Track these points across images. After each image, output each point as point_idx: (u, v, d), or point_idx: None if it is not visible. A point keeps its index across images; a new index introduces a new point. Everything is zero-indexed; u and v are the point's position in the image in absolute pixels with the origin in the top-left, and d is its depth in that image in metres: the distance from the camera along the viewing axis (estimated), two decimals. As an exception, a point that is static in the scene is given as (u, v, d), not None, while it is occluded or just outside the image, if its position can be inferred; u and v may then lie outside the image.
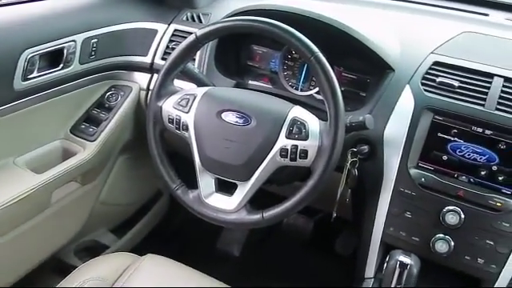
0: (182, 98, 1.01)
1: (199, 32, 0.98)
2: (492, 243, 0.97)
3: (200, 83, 1.11)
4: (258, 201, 0.98)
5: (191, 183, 1.02)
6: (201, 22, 1.34)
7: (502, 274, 0.98)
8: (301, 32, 0.92)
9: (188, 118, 0.99)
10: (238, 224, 0.98)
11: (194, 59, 1.26)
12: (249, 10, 1.19)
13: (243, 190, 0.96)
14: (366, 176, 1.08)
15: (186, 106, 1.00)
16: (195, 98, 1.00)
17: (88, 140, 1.29)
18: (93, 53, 1.25)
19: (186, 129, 1.00)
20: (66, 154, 1.28)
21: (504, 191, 0.97)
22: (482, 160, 0.98)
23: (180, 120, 1.00)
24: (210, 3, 1.41)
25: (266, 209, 0.95)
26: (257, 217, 0.95)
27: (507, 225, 0.96)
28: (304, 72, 1.24)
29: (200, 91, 1.02)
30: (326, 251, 1.75)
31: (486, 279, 1.00)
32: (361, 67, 1.18)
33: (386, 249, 1.07)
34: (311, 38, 0.93)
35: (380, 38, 1.13)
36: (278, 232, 1.77)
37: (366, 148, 1.05)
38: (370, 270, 1.10)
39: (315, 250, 1.81)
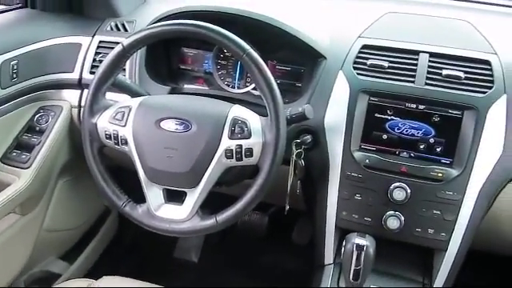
0: (116, 112, 0.97)
1: (126, 41, 0.95)
2: (439, 212, 1.01)
3: (134, 94, 1.08)
4: (210, 205, 0.97)
5: (139, 197, 0.99)
6: (126, 30, 1.30)
7: (451, 240, 1.02)
8: (230, 30, 0.91)
9: (126, 132, 0.96)
10: (193, 232, 0.96)
11: (124, 69, 1.21)
12: (175, 14, 1.16)
13: (193, 197, 0.94)
14: (312, 165, 1.09)
15: (122, 120, 0.96)
16: (131, 109, 0.97)
17: (22, 168, 1.22)
18: (14, 75, 1.18)
19: (126, 143, 0.96)
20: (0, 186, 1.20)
21: (443, 161, 1.02)
22: (419, 134, 1.02)
23: (118, 135, 0.96)
24: (133, 10, 1.37)
25: (219, 212, 0.94)
26: (211, 222, 0.94)
27: (450, 193, 1.00)
28: (238, 70, 1.23)
29: (135, 102, 0.98)
30: (284, 243, 1.76)
31: (438, 247, 1.04)
32: (293, 58, 1.18)
33: (342, 233, 1.08)
34: (241, 35, 0.92)
35: (309, 28, 1.14)
36: (234, 231, 1.76)
37: (309, 138, 1.06)
38: (329, 257, 1.12)
39: (274, 244, 1.82)
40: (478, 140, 0.98)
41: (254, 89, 1.22)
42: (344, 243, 0.97)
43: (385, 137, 1.04)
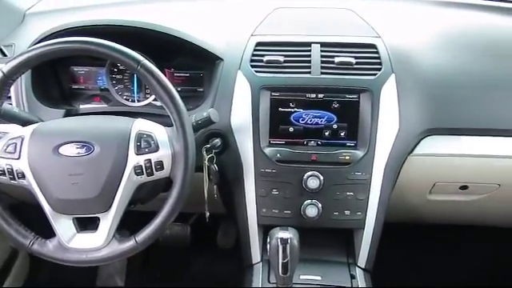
0: (7, 144, 0.89)
1: (6, 68, 0.87)
2: (352, 193, 1.06)
3: (24, 122, 0.99)
4: (127, 225, 0.93)
5: (49, 231, 0.92)
6: (5, 55, 1.19)
7: (367, 218, 1.07)
8: (120, 43, 0.87)
9: (21, 165, 0.88)
10: (113, 258, 0.91)
11: (10, 97, 1.12)
12: (58, 31, 1.09)
13: (107, 222, 0.89)
14: (226, 167, 1.09)
15: (14, 152, 0.89)
16: (23, 140, 0.89)
17: None
18: None
19: (23, 176, 0.89)
20: None
21: (348, 144, 1.06)
22: (322, 122, 1.06)
23: (12, 169, 0.88)
24: (10, 33, 1.26)
25: (137, 232, 0.90)
26: (130, 244, 0.90)
27: (359, 173, 1.05)
28: (135, 82, 1.19)
29: (27, 131, 0.91)
30: (211, 249, 1.75)
31: (356, 227, 1.09)
32: (191, 64, 1.17)
33: (265, 230, 1.09)
34: (132, 46, 0.89)
35: (201, 31, 1.13)
36: (157, 247, 1.71)
37: (218, 141, 1.05)
38: (256, 255, 1.12)
39: (201, 252, 1.79)
40: (376, 120, 1.04)
41: (155, 100, 1.18)
42: (268, 239, 0.97)
43: (291, 129, 1.06)
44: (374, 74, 1.05)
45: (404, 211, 1.28)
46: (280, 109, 1.06)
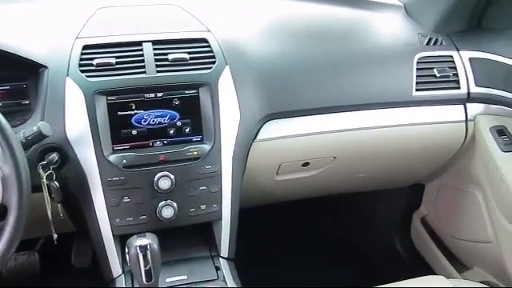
0: None
1: None
2: (205, 187, 1.06)
3: None
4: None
5: None
6: None
7: (223, 208, 1.09)
8: None
9: None
10: None
11: None
12: None
13: None
14: (69, 183, 1.01)
15: None
16: None
17: None
18: None
19: None
20: None
21: (195, 140, 1.06)
22: (166, 121, 1.04)
23: None
24: None
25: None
26: None
27: (209, 166, 1.06)
28: None
29: None
30: (67, 271, 1.61)
31: (214, 219, 1.10)
32: (10, 75, 1.04)
33: (122, 240, 1.04)
34: None
35: (17, 37, 1.02)
36: (3, 280, 1.53)
37: (55, 156, 0.97)
38: (116, 268, 1.06)
39: (56, 277, 1.65)
40: (218, 112, 1.06)
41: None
42: (127, 249, 0.93)
43: (134, 132, 1.03)
44: (209, 68, 1.07)
45: (256, 195, 1.33)
46: (119, 113, 1.01)
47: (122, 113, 1.01)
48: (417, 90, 1.25)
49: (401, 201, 1.74)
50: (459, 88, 1.29)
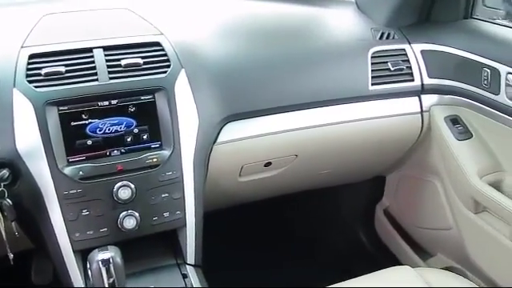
0: None
1: None
2: (167, 194, 1.04)
3: None
4: None
5: None
6: None
7: (186, 215, 1.07)
8: None
9: None
10: None
11: None
12: None
13: None
14: (23, 199, 0.96)
15: None
16: None
17: None
18: None
19: None
20: None
21: (153, 146, 1.04)
22: (122, 129, 1.01)
23: None
24: None
25: None
26: None
27: (170, 173, 1.03)
28: None
29: None
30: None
31: (179, 226, 1.08)
32: None
33: (84, 255, 1.00)
34: None
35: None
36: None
37: (6, 172, 0.92)
38: (79, 285, 1.02)
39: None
40: (176, 116, 1.03)
41: None
42: (88, 265, 0.90)
43: (89, 142, 0.99)
44: (165, 72, 1.04)
45: (220, 198, 1.32)
46: (72, 123, 0.98)
47: (75, 123, 0.98)
48: (373, 84, 1.27)
49: (363, 194, 1.76)
50: (413, 80, 1.31)
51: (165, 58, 1.06)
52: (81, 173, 0.97)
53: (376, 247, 1.75)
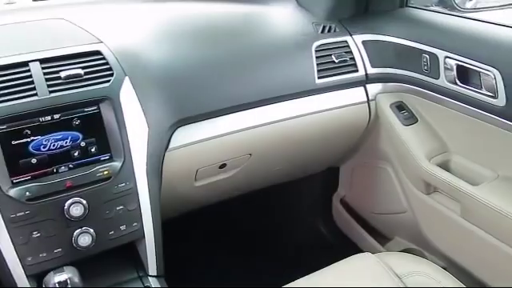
0: None
1: None
2: (122, 206, 1.01)
3: None
4: None
5: None
6: None
7: (144, 225, 1.04)
8: None
9: None
10: None
11: None
12: None
13: None
14: (-34, 227, 0.90)
15: None
16: None
17: None
18: None
19: None
20: None
21: (103, 159, 1.00)
22: (68, 144, 0.97)
23: None
24: None
25: None
26: None
27: (123, 184, 1.00)
28: None
29: None
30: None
31: (137, 238, 1.05)
32: None
33: (39, 278, 0.96)
34: None
35: None
36: None
37: None
38: (36, 311, 0.98)
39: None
40: (124, 126, 1.00)
41: None
42: (44, 288, 0.86)
43: (34, 161, 0.94)
44: (108, 81, 1.01)
45: (177, 205, 1.30)
46: (14, 142, 0.92)
47: (16, 142, 0.92)
48: (319, 77, 1.28)
49: (319, 186, 1.79)
50: (357, 71, 1.34)
51: (107, 66, 1.03)
52: (27, 193, 0.92)
53: (336, 237, 1.78)
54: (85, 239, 0.96)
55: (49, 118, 0.95)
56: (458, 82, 1.19)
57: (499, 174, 1.19)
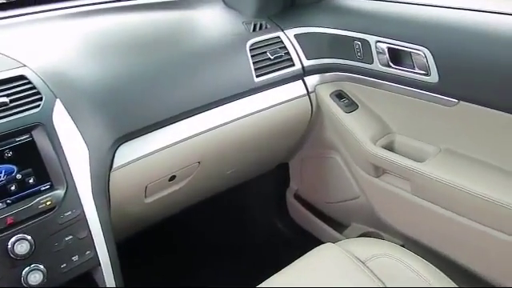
0: None
1: None
2: (71, 236, 0.94)
3: None
4: None
5: None
6: None
7: (98, 252, 0.98)
8: None
9: None
10: None
11: None
12: None
13: None
14: None
15: None
16: None
17: None
18: None
19: None
20: None
21: (43, 189, 0.94)
22: (2, 178, 0.90)
23: None
24: None
25: None
26: None
27: (69, 212, 0.94)
28: None
29: None
30: None
31: (93, 267, 0.99)
32: None
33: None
34: None
35: None
36: None
37: None
38: None
39: None
40: (62, 151, 0.94)
41: None
42: None
43: None
44: (38, 106, 0.95)
45: (131, 225, 1.25)
46: None
47: None
48: (257, 76, 1.28)
49: (271, 184, 1.79)
50: (294, 65, 1.35)
51: (34, 90, 0.96)
52: None
53: (295, 232, 1.79)
54: (35, 277, 0.90)
55: None
56: (391, 64, 1.22)
57: (441, 148, 1.24)
